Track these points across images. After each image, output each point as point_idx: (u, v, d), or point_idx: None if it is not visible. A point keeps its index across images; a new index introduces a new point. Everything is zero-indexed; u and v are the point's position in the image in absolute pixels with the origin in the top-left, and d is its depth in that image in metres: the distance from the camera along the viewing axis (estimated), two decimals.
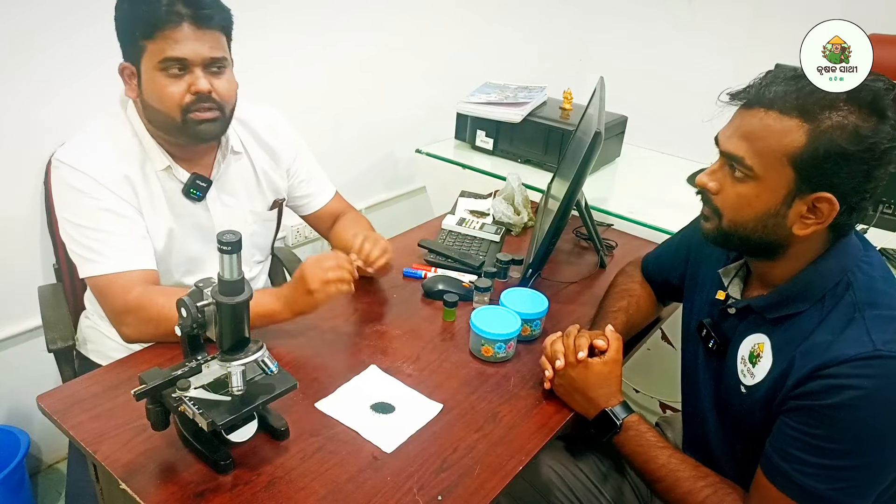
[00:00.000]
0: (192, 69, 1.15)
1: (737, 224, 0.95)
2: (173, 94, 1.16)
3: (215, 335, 0.92)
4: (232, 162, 1.35)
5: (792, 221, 0.91)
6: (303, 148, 1.50)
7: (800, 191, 0.89)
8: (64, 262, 1.49)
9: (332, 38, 2.17)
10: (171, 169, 1.26)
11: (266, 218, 1.47)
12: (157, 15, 1.11)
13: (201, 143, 1.26)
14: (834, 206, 0.87)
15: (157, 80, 1.15)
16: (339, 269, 1.18)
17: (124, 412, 1.02)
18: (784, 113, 0.88)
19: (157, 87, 1.15)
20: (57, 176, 1.20)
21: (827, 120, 0.85)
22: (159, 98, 1.17)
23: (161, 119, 1.20)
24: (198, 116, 1.18)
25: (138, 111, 1.24)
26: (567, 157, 1.68)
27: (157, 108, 1.18)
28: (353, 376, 1.16)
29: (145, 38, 1.13)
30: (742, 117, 0.93)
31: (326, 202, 1.55)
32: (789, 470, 0.88)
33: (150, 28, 1.12)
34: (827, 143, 0.85)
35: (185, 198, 1.29)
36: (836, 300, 0.91)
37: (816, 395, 0.86)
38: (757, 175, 0.91)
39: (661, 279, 1.33)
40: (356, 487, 0.94)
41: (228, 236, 0.84)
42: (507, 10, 2.77)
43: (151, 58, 1.14)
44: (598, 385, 1.09)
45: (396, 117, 2.52)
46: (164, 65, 1.14)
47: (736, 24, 2.46)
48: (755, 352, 0.99)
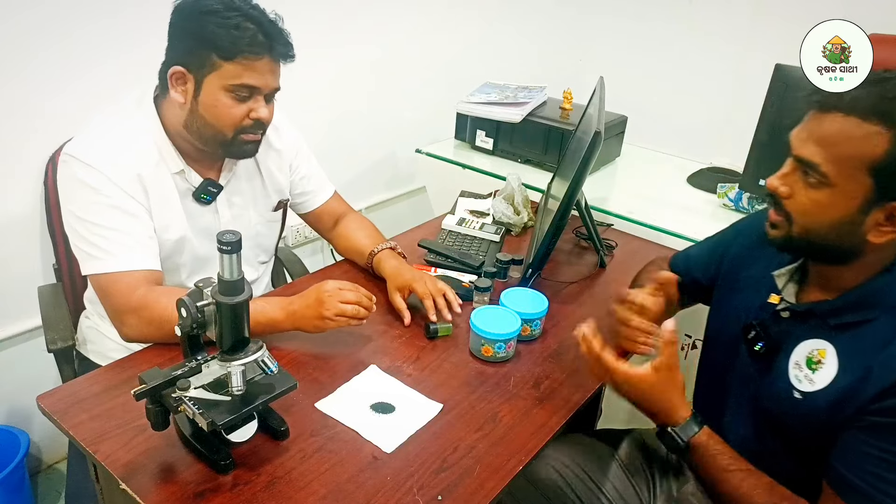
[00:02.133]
0: (257, 96, 1.19)
1: (809, 231, 0.91)
2: (234, 116, 1.19)
3: (215, 335, 0.92)
4: (240, 165, 1.36)
5: (868, 229, 0.87)
6: (303, 145, 1.51)
7: (878, 199, 0.85)
8: (64, 262, 1.49)
9: (333, 39, 2.17)
10: (185, 173, 1.27)
11: (271, 219, 1.48)
12: (244, 41, 1.13)
13: (236, 158, 1.29)
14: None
15: (222, 98, 1.17)
16: (358, 308, 1.19)
17: (124, 412, 1.02)
18: (864, 119, 0.83)
19: (220, 105, 1.18)
20: (66, 170, 1.18)
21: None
22: (218, 115, 1.19)
23: (208, 132, 1.21)
24: (247, 138, 1.23)
25: (161, 113, 1.24)
26: (567, 157, 1.68)
27: (209, 121, 1.20)
28: (353, 376, 1.16)
29: (223, 59, 1.14)
30: (818, 121, 0.88)
31: (325, 200, 1.55)
32: (867, 488, 0.85)
33: (232, 51, 1.13)
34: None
35: (194, 201, 1.30)
36: None
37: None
38: (832, 182, 0.86)
39: (690, 278, 1.29)
40: (356, 487, 0.94)
41: (228, 236, 0.84)
42: (507, 10, 2.77)
43: (223, 78, 1.15)
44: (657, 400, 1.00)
45: (397, 117, 2.52)
46: (237, 88, 1.16)
47: (736, 24, 2.46)
48: (814, 358, 0.95)
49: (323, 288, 1.19)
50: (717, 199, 2.01)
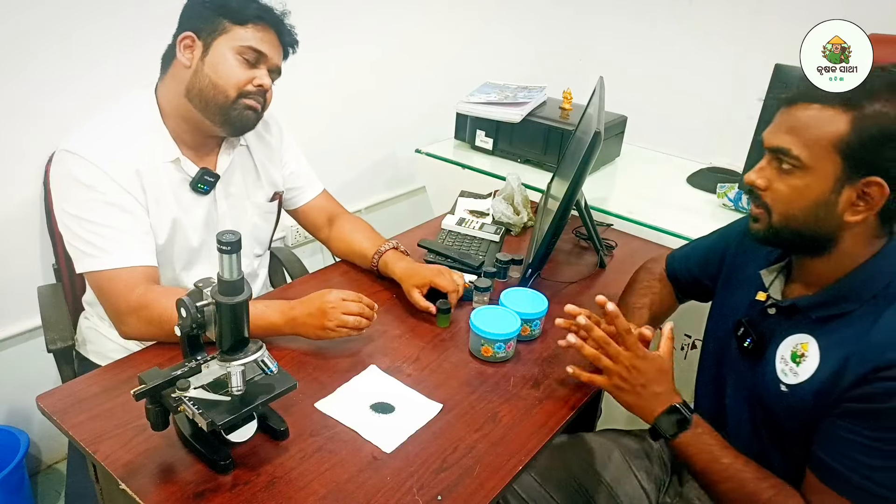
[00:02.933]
0: (261, 66, 1.25)
1: (788, 218, 0.96)
2: (239, 76, 1.22)
3: (215, 335, 0.92)
4: (235, 155, 1.36)
5: (843, 209, 0.92)
6: (292, 142, 1.52)
7: (848, 177, 0.90)
8: (64, 262, 1.49)
9: (334, 39, 2.17)
10: (180, 161, 1.27)
11: (267, 210, 1.48)
12: (255, 8, 1.22)
13: (233, 129, 1.29)
14: (884, 189, 0.89)
15: (230, 59, 1.22)
16: (360, 319, 1.20)
17: (124, 412, 1.01)
18: (826, 104, 0.90)
19: (227, 65, 1.21)
20: (61, 166, 1.18)
21: (869, 107, 0.88)
22: (223, 73, 1.22)
23: (210, 93, 1.22)
24: (247, 103, 1.25)
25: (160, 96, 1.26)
26: (567, 157, 1.68)
27: (214, 80, 1.22)
28: (353, 376, 1.16)
29: (234, 22, 1.21)
30: (786, 114, 0.95)
31: (314, 196, 1.55)
32: (848, 473, 0.88)
33: (243, 16, 1.21)
34: (870, 127, 0.87)
35: (191, 191, 1.30)
36: (889, 301, 0.92)
37: (879, 397, 0.86)
38: (805, 165, 0.92)
39: (691, 278, 1.32)
40: (356, 487, 0.94)
41: (228, 236, 0.84)
42: (506, 11, 2.77)
43: (233, 39, 1.21)
44: (661, 380, 1.06)
45: (397, 117, 2.52)
46: (244, 51, 1.22)
47: (736, 24, 2.46)
48: (798, 351, 0.99)
49: (326, 298, 1.19)
50: (716, 199, 2.01)
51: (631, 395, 1.06)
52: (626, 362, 1.05)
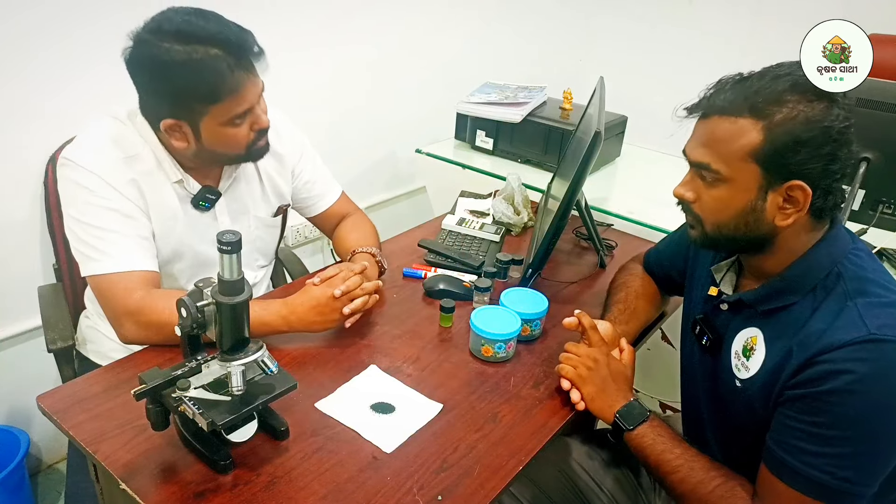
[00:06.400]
0: (252, 109, 1.20)
1: (719, 226, 0.98)
2: (241, 139, 1.21)
3: (215, 335, 0.92)
4: (240, 171, 1.36)
5: (772, 214, 0.93)
6: (307, 149, 1.49)
7: (770, 184, 0.92)
8: (64, 262, 1.49)
9: (334, 39, 2.17)
10: (183, 181, 1.27)
11: (270, 224, 1.47)
12: (223, 81, 1.12)
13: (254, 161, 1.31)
14: (807, 192, 0.90)
15: (225, 132, 1.19)
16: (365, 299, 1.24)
17: (124, 412, 1.01)
18: (738, 115, 0.91)
19: (226, 138, 1.20)
20: (63, 173, 1.20)
21: (778, 113, 0.89)
22: (227, 145, 1.21)
23: (222, 158, 1.26)
24: (260, 144, 1.26)
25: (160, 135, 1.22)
26: (567, 157, 1.68)
27: (221, 151, 1.23)
28: (353, 376, 1.16)
29: (211, 104, 1.14)
30: (702, 127, 0.97)
31: (332, 203, 1.55)
32: (793, 461, 0.89)
33: (215, 95, 1.13)
34: (782, 134, 0.88)
35: (193, 207, 1.30)
36: (827, 291, 0.93)
37: (814, 382, 0.87)
38: (726, 177, 0.94)
39: (664, 274, 1.36)
40: (356, 487, 0.94)
41: (228, 236, 0.84)
42: (506, 10, 2.77)
43: (218, 117, 1.16)
44: (619, 379, 1.13)
45: (397, 117, 2.52)
46: (233, 119, 1.18)
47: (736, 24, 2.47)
48: (748, 345, 1.01)
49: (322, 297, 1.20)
50: None
51: (592, 387, 1.11)
52: (588, 354, 1.13)
